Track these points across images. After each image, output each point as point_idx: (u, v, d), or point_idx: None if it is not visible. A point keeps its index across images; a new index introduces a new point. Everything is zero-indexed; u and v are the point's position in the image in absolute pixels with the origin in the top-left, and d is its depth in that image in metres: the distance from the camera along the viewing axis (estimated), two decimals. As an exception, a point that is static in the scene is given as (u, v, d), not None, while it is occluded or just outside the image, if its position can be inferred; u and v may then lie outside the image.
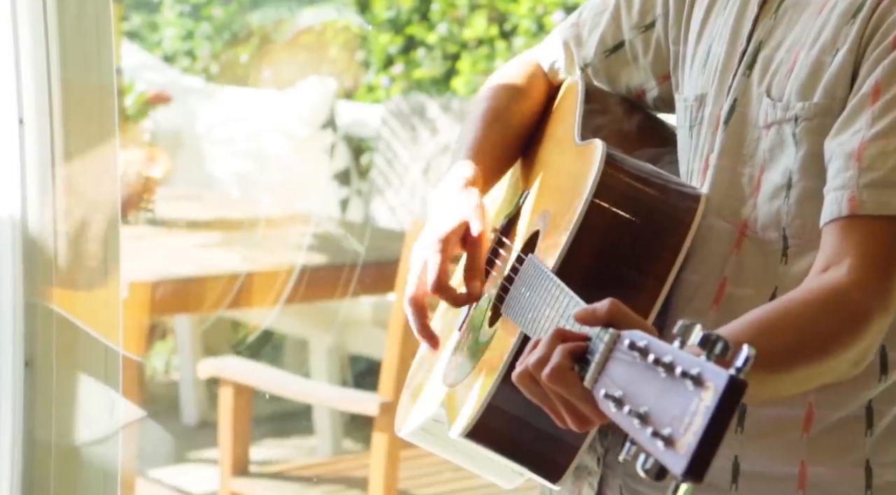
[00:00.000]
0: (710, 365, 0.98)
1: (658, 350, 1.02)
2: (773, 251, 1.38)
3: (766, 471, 1.39)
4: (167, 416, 4.69)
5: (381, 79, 5.30)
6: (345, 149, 4.92)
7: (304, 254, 3.82)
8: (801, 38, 1.38)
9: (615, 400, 1.04)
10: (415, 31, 5.25)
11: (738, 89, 1.42)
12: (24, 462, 1.74)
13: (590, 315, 1.15)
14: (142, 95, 4.12)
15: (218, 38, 5.67)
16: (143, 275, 3.44)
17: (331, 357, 4.28)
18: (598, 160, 1.38)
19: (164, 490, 4.00)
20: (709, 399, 0.96)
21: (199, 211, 4.21)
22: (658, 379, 1.00)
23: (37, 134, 1.70)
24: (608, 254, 1.36)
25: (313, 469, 3.31)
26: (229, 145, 4.89)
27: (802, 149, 1.36)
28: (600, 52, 1.57)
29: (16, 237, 1.71)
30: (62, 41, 1.70)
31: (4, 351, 1.72)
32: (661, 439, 0.98)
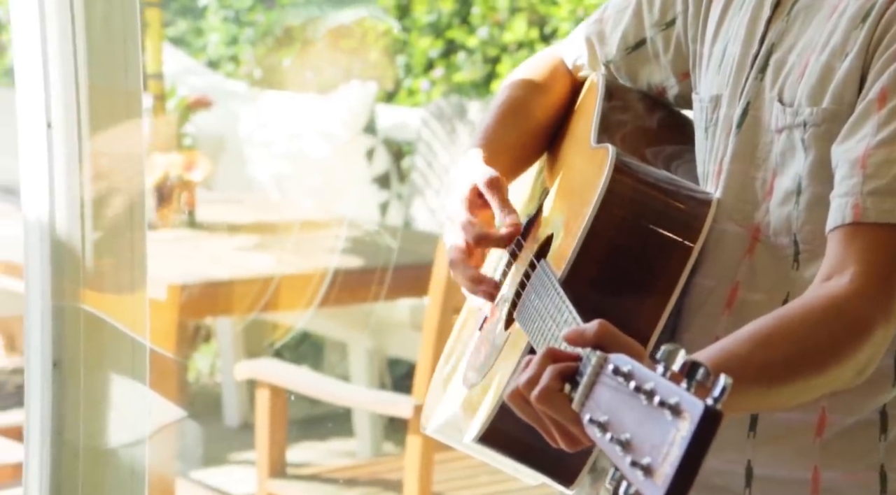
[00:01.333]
0: (687, 395, 0.98)
1: (640, 377, 1.03)
2: (785, 256, 1.37)
3: (780, 476, 1.38)
4: (210, 418, 4.72)
5: (422, 82, 5.31)
6: (385, 153, 4.93)
7: (343, 257, 3.84)
8: (812, 42, 1.38)
9: (600, 426, 1.05)
10: (455, 34, 5.26)
11: (750, 92, 1.41)
12: (52, 462, 1.76)
13: (579, 336, 1.15)
14: (183, 100, 4.16)
15: (261, 42, 5.71)
16: (183, 278, 3.47)
17: (370, 360, 4.29)
18: (607, 167, 1.38)
19: (205, 491, 4.03)
20: (685, 429, 0.96)
21: (240, 214, 4.24)
22: (640, 407, 1.01)
23: (64, 137, 1.72)
24: (616, 262, 1.35)
25: (349, 471, 3.32)
26: (270, 149, 4.92)
27: (811, 155, 1.35)
28: (622, 49, 1.57)
29: (44, 239, 1.73)
30: (90, 46, 1.72)
31: (33, 352, 1.75)
32: (640, 468, 0.98)
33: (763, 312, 1.33)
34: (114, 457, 1.78)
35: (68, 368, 1.74)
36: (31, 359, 1.75)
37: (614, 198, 1.36)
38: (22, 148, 1.75)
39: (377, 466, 3.40)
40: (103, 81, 1.73)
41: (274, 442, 3.15)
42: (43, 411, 1.75)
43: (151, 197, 3.89)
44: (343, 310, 4.14)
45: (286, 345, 5.14)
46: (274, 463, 3.16)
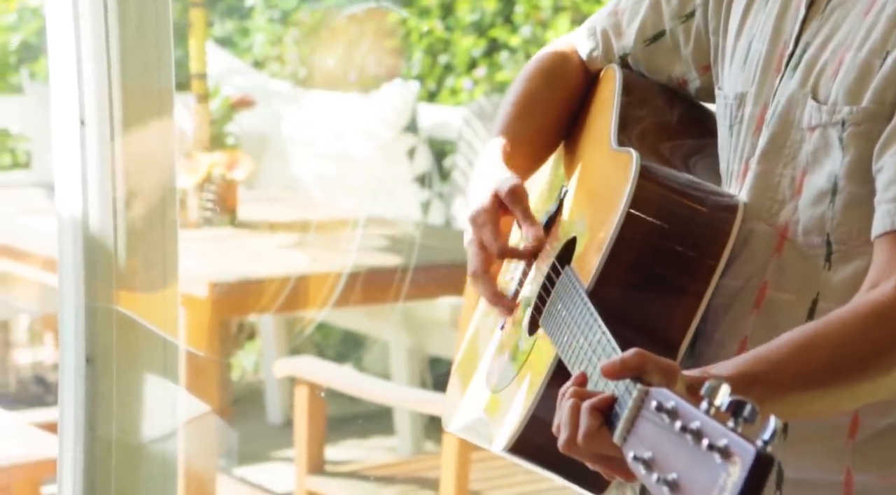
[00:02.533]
0: (737, 438, 0.97)
1: (686, 415, 1.02)
2: (815, 256, 1.35)
3: (811, 479, 1.37)
4: (254, 415, 4.75)
5: (464, 82, 5.31)
6: (426, 152, 4.94)
7: (384, 256, 3.85)
8: (847, 40, 1.36)
9: (644, 463, 1.04)
10: (498, 33, 5.25)
11: (781, 90, 1.39)
12: (85, 457, 1.77)
13: (617, 369, 1.14)
14: (227, 100, 4.18)
15: (305, 42, 5.73)
16: (223, 276, 3.49)
17: (410, 358, 4.30)
18: (632, 174, 1.36)
19: (246, 488, 4.05)
20: (736, 475, 0.96)
21: (282, 212, 4.26)
22: (686, 447, 1.00)
23: (97, 135, 1.73)
24: (644, 270, 1.34)
25: (387, 469, 3.33)
26: (313, 148, 4.94)
27: (850, 155, 1.33)
28: (640, 42, 1.55)
29: (77, 236, 1.75)
30: (122, 45, 1.73)
31: (67, 347, 1.76)
32: None
33: (792, 311, 1.31)
34: (146, 452, 1.80)
35: (101, 364, 1.76)
36: (65, 354, 1.77)
37: (640, 206, 1.35)
38: (56, 145, 1.77)
39: (415, 464, 3.41)
40: (136, 80, 1.74)
41: (313, 439, 3.17)
42: (76, 406, 1.77)
43: (194, 195, 3.92)
44: (384, 309, 4.16)
45: (329, 343, 5.17)
46: (312, 460, 3.17)
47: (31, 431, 3.26)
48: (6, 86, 5.62)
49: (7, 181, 5.14)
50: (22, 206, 4.23)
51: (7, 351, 4.97)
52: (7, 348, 4.97)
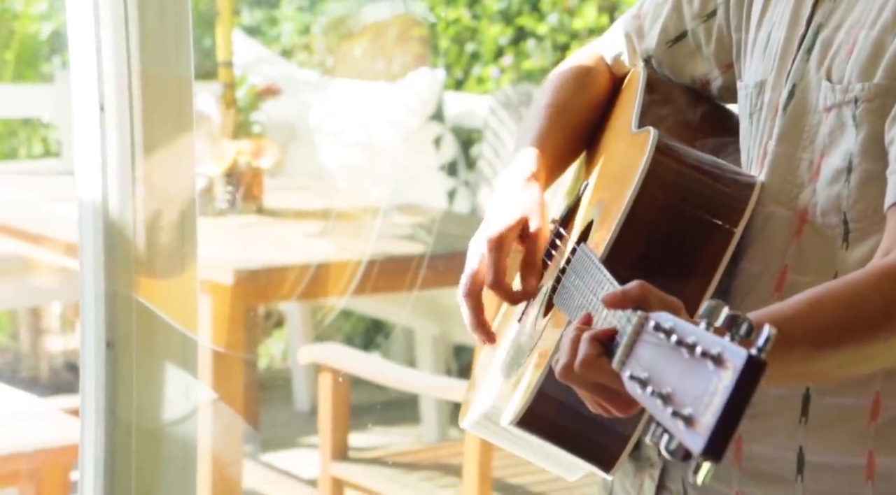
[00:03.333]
0: (731, 344, 0.97)
1: (682, 331, 1.02)
2: (833, 236, 1.36)
3: (833, 462, 1.36)
4: (281, 403, 4.78)
5: (491, 70, 5.31)
6: (452, 141, 4.95)
7: (409, 244, 3.85)
8: (861, 19, 1.36)
9: (640, 382, 1.04)
10: (525, 21, 5.25)
11: (796, 74, 1.40)
12: (106, 440, 1.79)
13: (619, 298, 1.15)
14: (253, 88, 4.20)
15: (333, 31, 5.74)
16: (249, 263, 3.51)
17: (436, 346, 4.32)
18: (649, 148, 1.37)
19: (274, 474, 4.08)
20: (727, 378, 0.96)
21: (308, 201, 4.28)
22: (682, 360, 1.00)
23: (117, 121, 1.75)
24: (657, 243, 1.35)
25: (411, 455, 3.34)
26: (340, 137, 4.95)
27: (863, 132, 1.34)
28: (662, 43, 1.56)
29: (97, 223, 1.76)
30: (142, 32, 1.75)
31: (87, 332, 1.78)
32: (681, 419, 0.98)
33: None
34: (166, 435, 1.82)
35: (121, 348, 1.78)
36: (86, 339, 1.78)
37: (655, 178, 1.35)
38: (76, 131, 1.79)
39: (438, 451, 3.42)
40: (155, 67, 1.76)
41: (337, 426, 3.18)
42: (97, 390, 1.79)
43: (220, 183, 3.94)
44: (409, 297, 4.17)
45: (356, 332, 5.18)
46: (336, 446, 3.19)
47: (61, 417, 3.30)
48: (37, 75, 5.66)
49: (37, 169, 5.18)
50: (51, 194, 4.27)
51: (39, 337, 5.01)
52: (39, 335, 5.02)
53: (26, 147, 5.69)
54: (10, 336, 5.15)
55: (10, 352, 5.09)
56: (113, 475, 1.78)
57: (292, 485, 3.95)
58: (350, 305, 4.67)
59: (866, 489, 1.36)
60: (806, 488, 1.37)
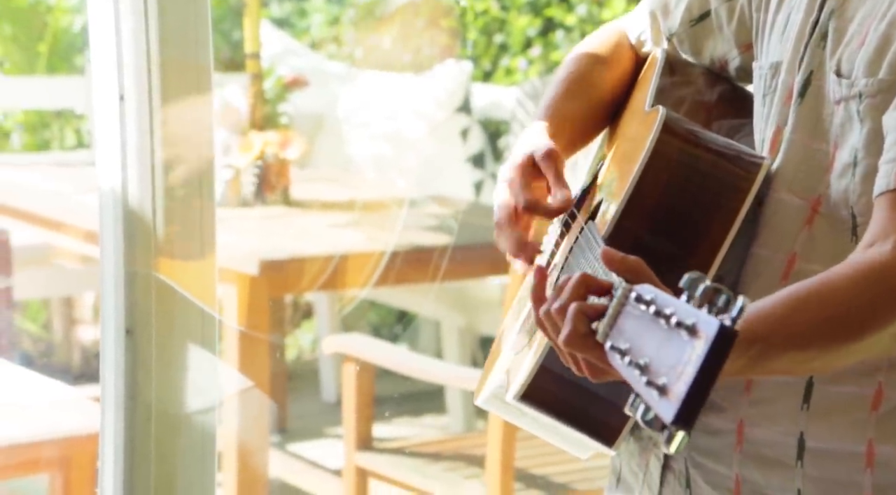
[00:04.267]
0: (704, 314, 0.99)
1: (661, 302, 1.03)
2: (844, 229, 1.36)
3: (833, 449, 1.37)
4: (309, 393, 4.80)
5: (520, 61, 5.31)
6: (480, 132, 4.95)
7: (435, 235, 3.86)
8: (873, 12, 1.36)
9: (620, 352, 1.06)
10: (554, 12, 5.24)
11: (813, 61, 1.40)
12: (126, 427, 1.81)
13: (617, 258, 1.17)
14: (280, 79, 4.21)
15: (362, 23, 5.76)
16: (275, 254, 3.53)
17: (461, 337, 4.32)
18: (656, 126, 1.37)
19: (300, 464, 4.10)
20: (700, 348, 0.97)
21: (335, 192, 4.29)
22: (660, 331, 1.02)
23: (136, 110, 1.76)
24: (661, 221, 1.35)
25: (434, 446, 3.35)
26: (368, 128, 4.96)
27: (867, 127, 1.34)
28: (686, 22, 1.56)
29: (117, 209, 1.78)
30: (161, 21, 1.76)
31: (108, 319, 1.80)
32: (656, 388, 0.99)
33: None
34: (186, 422, 1.83)
35: (141, 335, 1.79)
36: (106, 325, 1.80)
37: (660, 157, 1.36)
38: (96, 119, 1.80)
39: (462, 441, 3.43)
40: (174, 56, 1.77)
41: (361, 416, 3.20)
42: (117, 377, 1.80)
43: (248, 174, 3.96)
44: (435, 288, 4.17)
45: (384, 323, 5.20)
46: (361, 437, 3.20)
47: (90, 405, 3.33)
48: (70, 67, 5.71)
49: (70, 160, 5.22)
50: (81, 184, 4.30)
51: (72, 327, 5.06)
52: (72, 324, 5.06)
53: (59, 138, 5.73)
54: (43, 325, 5.20)
55: (42, 341, 5.14)
56: (133, 462, 1.80)
57: (318, 475, 3.96)
58: (377, 296, 4.68)
59: (865, 476, 1.37)
60: (805, 473, 1.38)
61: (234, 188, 3.94)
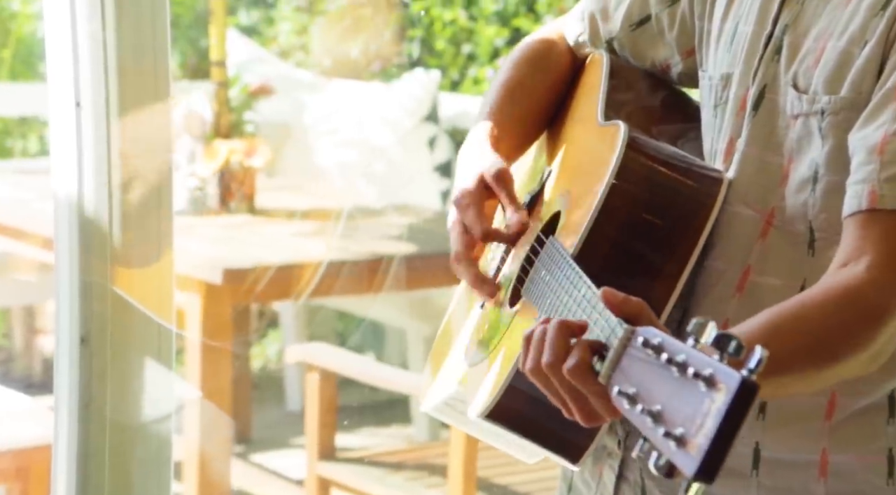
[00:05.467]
0: (723, 366, 0.97)
1: (671, 348, 1.02)
2: (800, 242, 1.36)
3: (788, 458, 1.38)
4: (273, 403, 4.78)
5: (488, 71, 5.31)
6: (447, 142, 4.95)
7: (401, 244, 3.85)
8: (829, 28, 1.36)
9: (628, 398, 1.04)
10: (521, 23, 5.25)
11: (767, 75, 1.40)
12: (79, 436, 1.79)
13: (619, 299, 1.15)
14: (245, 87, 4.20)
15: (329, 32, 5.74)
16: (240, 263, 3.51)
17: (428, 347, 4.31)
18: (620, 143, 1.37)
19: (263, 474, 4.08)
20: (720, 401, 0.95)
21: (301, 201, 4.28)
22: (671, 379, 1.00)
23: (93, 117, 1.75)
24: (628, 239, 1.35)
25: (397, 455, 3.34)
26: (335, 137, 4.95)
27: (829, 144, 1.34)
28: (626, 26, 1.56)
29: (73, 217, 1.77)
30: (119, 27, 1.75)
31: (62, 327, 1.78)
32: (673, 439, 0.97)
33: (776, 297, 1.31)
34: (141, 432, 1.81)
35: (96, 343, 1.77)
36: (60, 334, 1.78)
37: (627, 174, 1.35)
38: (52, 127, 1.79)
39: (425, 451, 3.42)
40: (132, 63, 1.76)
41: (324, 425, 3.18)
42: (71, 386, 1.79)
43: (213, 182, 3.94)
44: (401, 297, 4.16)
45: (350, 332, 5.18)
46: (324, 446, 3.19)
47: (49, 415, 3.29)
48: (33, 74, 5.67)
49: (32, 167, 5.19)
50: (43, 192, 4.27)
51: (32, 336, 5.01)
52: (32, 333, 5.02)
53: (21, 145, 5.69)
54: (3, 334, 5.16)
55: (3, 350, 5.09)
56: (87, 471, 1.78)
57: (280, 485, 3.94)
58: (343, 305, 4.67)
59: (819, 485, 1.37)
60: (760, 483, 1.38)
61: (198, 196, 3.92)
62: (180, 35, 5.59)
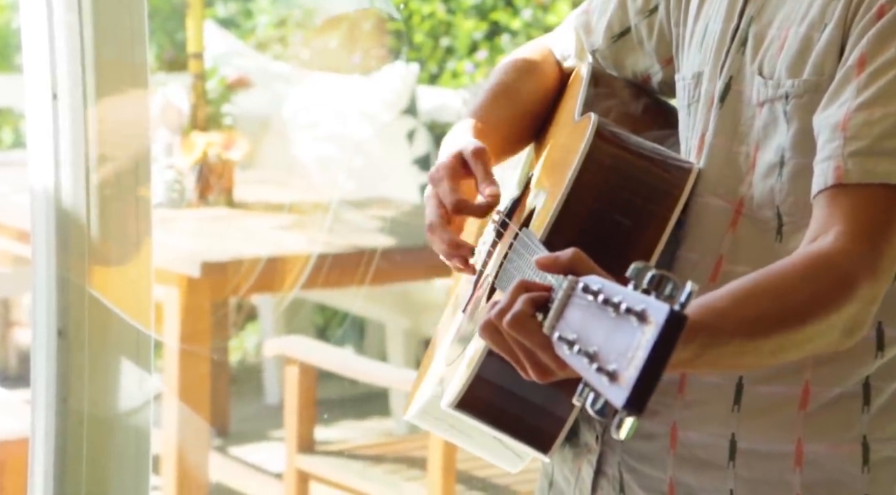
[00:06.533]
0: (653, 300, 0.99)
1: (609, 291, 1.04)
2: (768, 229, 1.37)
3: (764, 449, 1.38)
4: (252, 396, 4.77)
5: (466, 65, 5.31)
6: (426, 135, 4.94)
7: (380, 237, 3.85)
8: (791, 15, 1.38)
9: (568, 343, 1.06)
10: (499, 16, 5.26)
11: (732, 67, 1.42)
12: (57, 429, 1.78)
13: (552, 261, 1.17)
14: (223, 80, 4.18)
15: (308, 24, 5.73)
16: (218, 256, 3.50)
17: (407, 340, 4.31)
18: (589, 131, 1.38)
19: (242, 467, 4.07)
20: (650, 333, 0.97)
21: (280, 194, 4.27)
22: (608, 319, 1.02)
23: (70, 109, 1.74)
24: (595, 225, 1.36)
25: (376, 448, 3.34)
26: (313, 130, 4.94)
27: (794, 127, 1.36)
28: (607, 38, 1.58)
29: (49, 210, 1.76)
30: (96, 18, 1.74)
31: (39, 320, 1.77)
32: (606, 374, 0.99)
33: None
34: (119, 425, 1.81)
35: (73, 336, 1.77)
36: (37, 327, 1.77)
37: (594, 161, 1.37)
38: (28, 119, 1.77)
39: (404, 444, 3.42)
40: (109, 54, 1.75)
41: (303, 418, 3.18)
42: (48, 379, 1.78)
43: (190, 175, 3.93)
44: (380, 291, 4.16)
45: (330, 325, 5.18)
46: (303, 439, 3.18)
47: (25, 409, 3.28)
48: (9, 65, 5.64)
49: (7, 160, 5.16)
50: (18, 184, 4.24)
51: (8, 329, 4.99)
52: (8, 327, 4.99)
53: (-2, 138, 5.67)
54: (-20, 328, 5.13)
55: (-22, 344, 5.07)
56: (64, 465, 1.78)
57: (259, 479, 3.94)
58: (322, 298, 4.66)
59: (795, 475, 1.38)
60: (737, 474, 1.39)
61: (176, 189, 3.91)
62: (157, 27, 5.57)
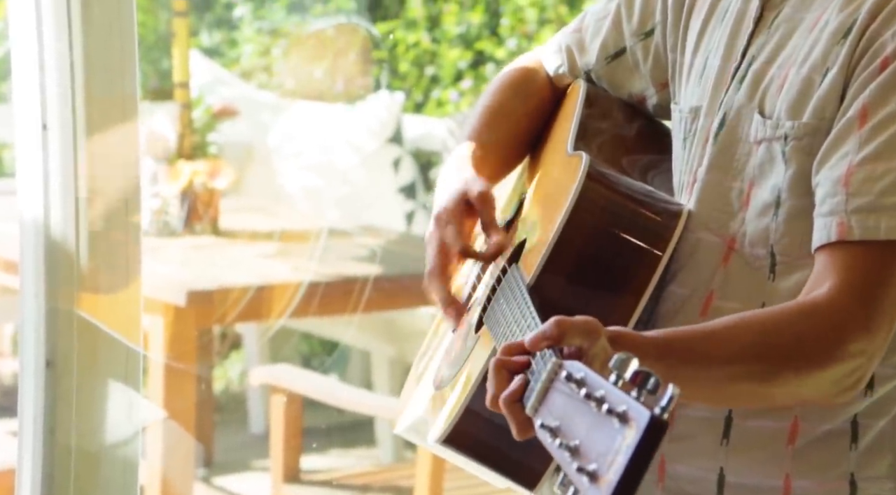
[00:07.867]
0: (635, 403, 0.99)
1: (592, 384, 1.04)
2: (760, 267, 1.38)
3: (752, 484, 1.39)
4: (236, 425, 4.75)
5: (451, 93, 5.33)
6: (411, 163, 4.95)
7: (366, 266, 3.85)
8: (793, 56, 1.38)
9: (551, 431, 1.06)
10: (484, 46, 5.28)
11: (728, 103, 1.41)
12: (44, 461, 1.77)
13: (538, 339, 1.17)
14: (209, 109, 4.19)
15: (293, 54, 5.75)
16: (203, 284, 3.49)
17: (392, 368, 4.31)
18: (580, 174, 1.38)
19: (224, 497, 4.05)
20: (631, 437, 0.97)
21: (265, 222, 4.27)
22: (590, 414, 1.02)
23: (60, 140, 1.74)
24: (585, 269, 1.36)
25: (363, 478, 3.33)
26: (298, 158, 4.95)
27: (792, 168, 1.36)
28: (602, 59, 1.58)
29: (38, 240, 1.75)
30: (86, 49, 1.74)
31: (27, 351, 1.77)
32: (586, 474, 0.99)
33: None
34: (107, 457, 1.80)
35: (62, 367, 1.76)
36: (25, 358, 1.77)
37: (585, 205, 1.37)
38: (18, 149, 1.77)
39: (391, 473, 3.42)
40: (100, 86, 1.75)
41: (289, 448, 3.17)
42: (36, 410, 1.77)
43: (176, 204, 3.93)
44: (366, 319, 4.15)
45: (315, 354, 5.17)
46: (288, 469, 3.17)
47: (9, 440, 3.26)
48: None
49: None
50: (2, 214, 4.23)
51: (-9, 359, 4.97)
52: (-9, 357, 4.97)
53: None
54: (-38, 357, 5.11)
55: (-40, 373, 5.05)
56: (52, 496, 1.77)
57: (244, 509, 3.92)
58: (307, 326, 4.66)
59: None
60: None
61: (161, 218, 3.91)
62: (143, 56, 5.57)
